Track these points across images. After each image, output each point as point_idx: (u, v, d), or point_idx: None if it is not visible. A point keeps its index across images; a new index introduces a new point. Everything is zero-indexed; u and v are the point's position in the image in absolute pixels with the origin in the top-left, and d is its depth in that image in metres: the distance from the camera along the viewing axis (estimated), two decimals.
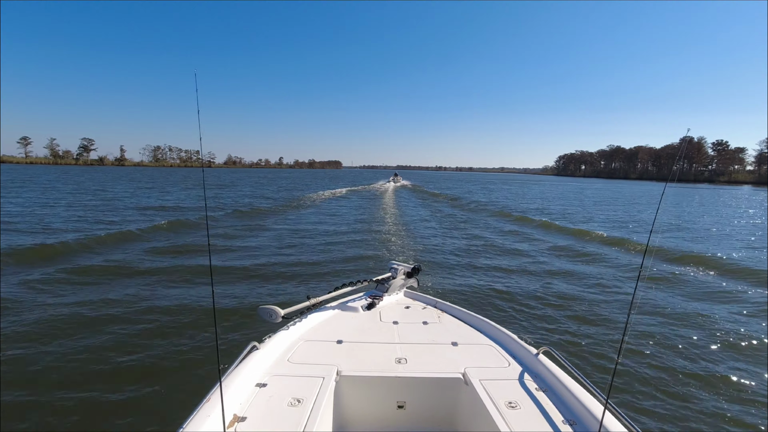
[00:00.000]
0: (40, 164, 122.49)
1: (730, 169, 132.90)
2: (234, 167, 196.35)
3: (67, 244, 9.10)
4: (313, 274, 7.62)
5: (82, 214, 15.03)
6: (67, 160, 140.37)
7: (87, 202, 19.69)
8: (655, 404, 3.60)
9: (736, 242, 12.97)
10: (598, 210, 23.43)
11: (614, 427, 1.52)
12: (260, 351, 2.11)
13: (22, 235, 10.48)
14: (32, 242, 9.24)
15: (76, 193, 24.86)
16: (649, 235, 1.73)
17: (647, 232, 13.62)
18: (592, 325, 5.33)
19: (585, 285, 7.30)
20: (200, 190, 29.77)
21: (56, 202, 19.04)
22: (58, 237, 10.13)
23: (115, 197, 23.09)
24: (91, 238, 9.91)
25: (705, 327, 5.40)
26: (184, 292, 6.29)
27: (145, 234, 11.04)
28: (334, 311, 2.90)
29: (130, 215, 15.43)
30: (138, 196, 24.15)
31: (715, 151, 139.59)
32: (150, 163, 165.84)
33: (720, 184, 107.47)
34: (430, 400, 2.03)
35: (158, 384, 3.69)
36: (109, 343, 4.46)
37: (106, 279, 6.88)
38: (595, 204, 28.17)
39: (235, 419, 1.61)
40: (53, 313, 5.21)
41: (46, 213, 15.09)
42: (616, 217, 19.86)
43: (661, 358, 4.46)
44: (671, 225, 16.87)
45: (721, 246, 12.05)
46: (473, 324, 2.72)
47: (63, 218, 13.88)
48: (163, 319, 5.14)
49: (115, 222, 13.41)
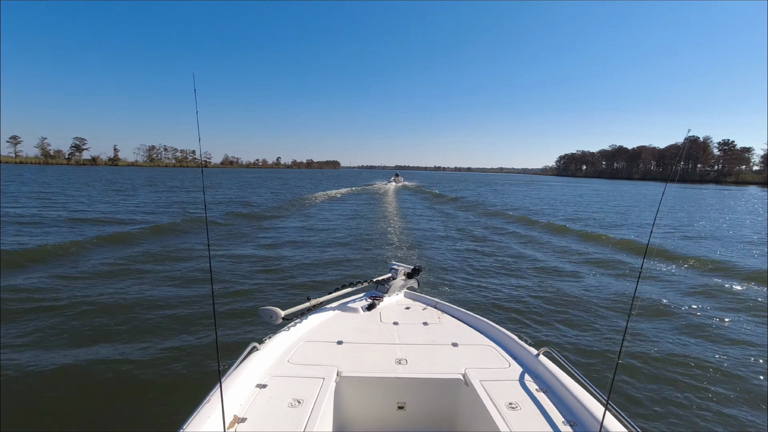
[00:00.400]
0: (30, 164, 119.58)
1: (736, 170, 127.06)
2: (231, 167, 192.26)
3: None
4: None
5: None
6: (59, 160, 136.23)
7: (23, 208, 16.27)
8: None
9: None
10: (635, 215, 20.72)
11: (615, 427, 1.52)
12: (260, 352, 2.11)
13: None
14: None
15: (21, 197, 21.18)
16: (649, 236, 1.73)
17: (681, 237, 13.28)
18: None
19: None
20: (169, 193, 27.81)
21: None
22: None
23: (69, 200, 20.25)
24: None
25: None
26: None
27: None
28: (334, 312, 2.90)
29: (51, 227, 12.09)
30: (94, 202, 19.81)
31: (721, 150, 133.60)
32: (144, 163, 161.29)
33: (726, 184, 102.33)
34: (430, 400, 2.03)
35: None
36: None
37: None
38: (629, 208, 25.20)
39: (236, 420, 1.61)
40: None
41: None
42: (675, 224, 17.30)
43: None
44: (683, 226, 16.46)
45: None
46: (473, 324, 2.72)
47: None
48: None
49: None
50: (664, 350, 4.66)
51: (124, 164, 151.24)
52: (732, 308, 6.27)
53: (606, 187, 61.84)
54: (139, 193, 27.49)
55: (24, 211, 15.45)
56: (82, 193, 25.25)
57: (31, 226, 12.28)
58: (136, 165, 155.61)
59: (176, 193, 28.06)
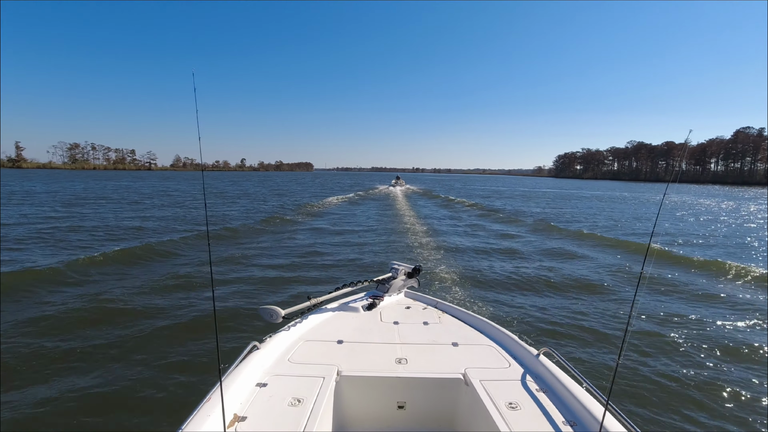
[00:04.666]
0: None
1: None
2: (183, 170, 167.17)
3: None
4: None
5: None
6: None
7: None
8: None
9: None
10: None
11: (615, 427, 1.52)
12: (261, 351, 2.12)
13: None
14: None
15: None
16: (650, 238, 1.73)
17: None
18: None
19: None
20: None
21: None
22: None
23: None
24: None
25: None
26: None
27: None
28: (334, 311, 2.90)
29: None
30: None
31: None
32: (64, 165, 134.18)
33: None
34: (430, 400, 2.03)
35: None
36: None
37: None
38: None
39: (236, 419, 1.61)
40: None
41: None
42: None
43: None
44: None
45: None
46: (474, 324, 2.72)
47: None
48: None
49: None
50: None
51: (31, 166, 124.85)
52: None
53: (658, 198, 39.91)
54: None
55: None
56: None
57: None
58: (50, 167, 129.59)
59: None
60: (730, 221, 19.63)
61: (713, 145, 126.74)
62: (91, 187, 36.59)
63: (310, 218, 16.99)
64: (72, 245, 9.90)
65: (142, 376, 3.81)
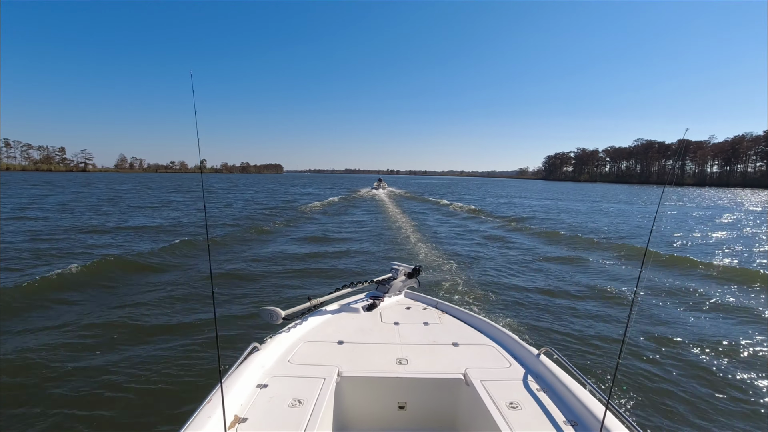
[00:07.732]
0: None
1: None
2: (128, 171, 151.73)
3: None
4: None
5: None
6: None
7: None
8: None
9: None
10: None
11: (615, 427, 1.52)
12: (261, 352, 2.11)
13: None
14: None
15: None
16: (649, 238, 1.73)
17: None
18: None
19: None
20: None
21: None
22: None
23: None
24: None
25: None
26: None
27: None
28: (334, 312, 2.90)
29: None
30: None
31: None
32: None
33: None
34: (431, 400, 2.03)
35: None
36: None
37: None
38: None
39: (236, 420, 1.61)
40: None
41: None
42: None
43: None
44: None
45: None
46: (474, 324, 2.72)
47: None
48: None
49: None
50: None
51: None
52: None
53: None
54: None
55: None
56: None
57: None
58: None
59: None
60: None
61: (744, 142, 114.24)
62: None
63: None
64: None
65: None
